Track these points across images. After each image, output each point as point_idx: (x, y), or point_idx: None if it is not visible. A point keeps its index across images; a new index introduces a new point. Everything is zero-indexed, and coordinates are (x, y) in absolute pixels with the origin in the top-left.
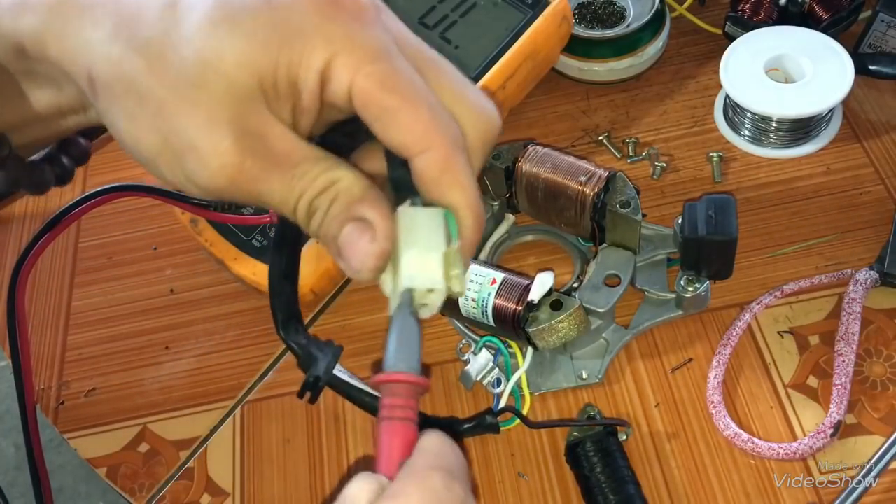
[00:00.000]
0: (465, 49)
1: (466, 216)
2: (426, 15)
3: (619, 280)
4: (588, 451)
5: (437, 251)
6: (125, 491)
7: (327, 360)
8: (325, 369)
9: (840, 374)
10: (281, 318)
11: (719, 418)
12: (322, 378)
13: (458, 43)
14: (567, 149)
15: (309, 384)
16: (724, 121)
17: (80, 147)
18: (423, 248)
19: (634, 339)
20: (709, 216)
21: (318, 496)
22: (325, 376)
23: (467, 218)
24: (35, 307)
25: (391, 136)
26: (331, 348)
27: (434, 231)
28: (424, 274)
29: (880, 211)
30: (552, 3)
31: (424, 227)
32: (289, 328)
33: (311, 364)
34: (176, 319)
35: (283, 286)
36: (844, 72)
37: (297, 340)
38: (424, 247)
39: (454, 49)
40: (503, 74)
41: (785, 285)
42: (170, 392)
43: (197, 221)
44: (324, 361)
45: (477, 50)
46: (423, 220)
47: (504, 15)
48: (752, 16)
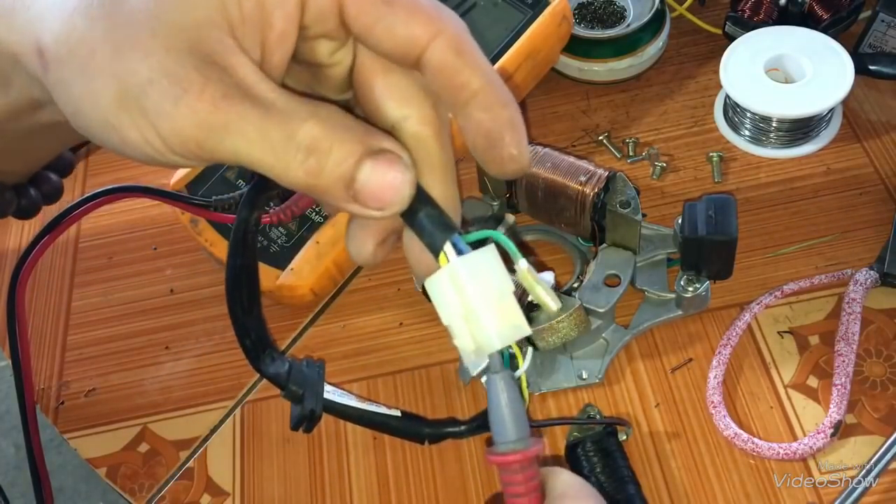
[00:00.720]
0: None
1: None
2: None
3: (619, 280)
4: (588, 451)
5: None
6: (125, 491)
7: (315, 387)
8: (317, 398)
9: (840, 374)
10: (252, 354)
11: (719, 418)
12: (318, 411)
13: None
14: (567, 149)
15: (305, 418)
16: (724, 121)
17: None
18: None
19: (634, 339)
20: (709, 216)
21: (318, 496)
22: (320, 407)
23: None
24: (35, 307)
25: (397, 34)
26: (313, 370)
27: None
28: (509, 326)
29: (880, 211)
30: (552, 3)
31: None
32: (264, 361)
33: (298, 397)
34: (176, 319)
35: (248, 322)
36: (844, 72)
37: (277, 370)
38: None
39: None
40: (503, 74)
41: (785, 285)
42: (170, 392)
43: (197, 221)
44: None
45: None
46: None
47: (504, 15)
48: (752, 16)
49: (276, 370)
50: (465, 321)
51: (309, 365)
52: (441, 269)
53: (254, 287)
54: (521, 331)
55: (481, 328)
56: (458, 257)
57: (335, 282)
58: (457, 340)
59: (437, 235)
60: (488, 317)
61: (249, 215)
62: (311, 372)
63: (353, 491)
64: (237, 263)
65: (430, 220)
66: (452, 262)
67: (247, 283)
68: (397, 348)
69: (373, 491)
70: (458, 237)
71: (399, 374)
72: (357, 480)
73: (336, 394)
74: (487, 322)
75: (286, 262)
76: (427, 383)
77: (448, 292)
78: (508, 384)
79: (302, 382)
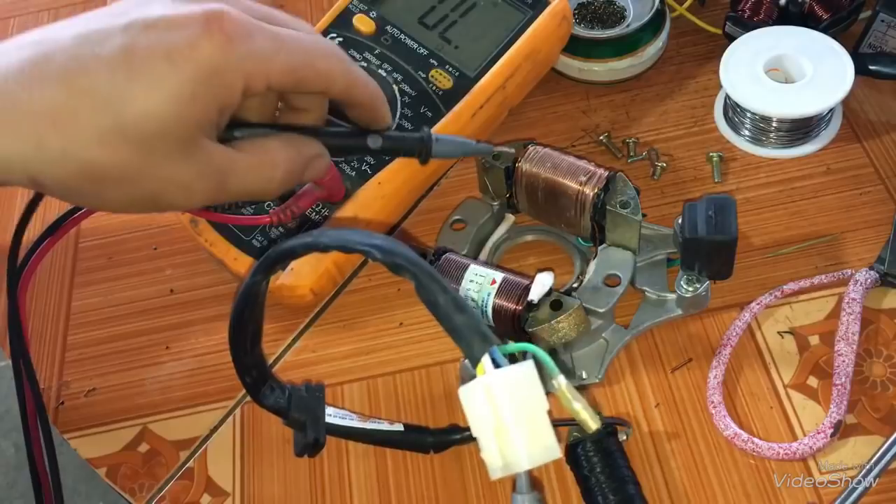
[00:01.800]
0: (465, 49)
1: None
2: (426, 15)
3: (619, 280)
4: (588, 451)
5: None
6: (125, 491)
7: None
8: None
9: (840, 374)
10: (253, 389)
11: (719, 418)
12: (322, 440)
13: (457, 43)
14: (567, 149)
15: (309, 446)
16: (724, 121)
17: None
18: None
19: (634, 339)
20: (709, 216)
21: (318, 496)
22: (322, 434)
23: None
24: (35, 307)
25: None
26: (313, 395)
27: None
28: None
29: (880, 211)
30: (552, 3)
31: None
32: (264, 393)
33: (301, 424)
34: (176, 319)
35: (249, 361)
36: (844, 72)
37: (278, 400)
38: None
39: (454, 49)
40: (503, 74)
41: (785, 285)
42: (170, 392)
43: (197, 221)
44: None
45: (477, 50)
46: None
47: (504, 15)
48: (752, 16)
49: (276, 400)
50: (495, 436)
51: (308, 389)
52: (476, 381)
53: (256, 332)
54: (552, 452)
55: (511, 446)
56: (496, 371)
57: (335, 282)
58: (484, 454)
59: (475, 345)
60: (520, 435)
61: (263, 279)
62: (311, 397)
63: (353, 491)
64: (245, 315)
65: (468, 328)
66: (488, 375)
67: (252, 330)
68: (397, 348)
69: (373, 491)
70: (496, 349)
71: (399, 374)
72: (357, 481)
73: (338, 416)
74: (518, 441)
75: (286, 262)
76: (427, 383)
77: (481, 405)
78: None
79: (303, 409)
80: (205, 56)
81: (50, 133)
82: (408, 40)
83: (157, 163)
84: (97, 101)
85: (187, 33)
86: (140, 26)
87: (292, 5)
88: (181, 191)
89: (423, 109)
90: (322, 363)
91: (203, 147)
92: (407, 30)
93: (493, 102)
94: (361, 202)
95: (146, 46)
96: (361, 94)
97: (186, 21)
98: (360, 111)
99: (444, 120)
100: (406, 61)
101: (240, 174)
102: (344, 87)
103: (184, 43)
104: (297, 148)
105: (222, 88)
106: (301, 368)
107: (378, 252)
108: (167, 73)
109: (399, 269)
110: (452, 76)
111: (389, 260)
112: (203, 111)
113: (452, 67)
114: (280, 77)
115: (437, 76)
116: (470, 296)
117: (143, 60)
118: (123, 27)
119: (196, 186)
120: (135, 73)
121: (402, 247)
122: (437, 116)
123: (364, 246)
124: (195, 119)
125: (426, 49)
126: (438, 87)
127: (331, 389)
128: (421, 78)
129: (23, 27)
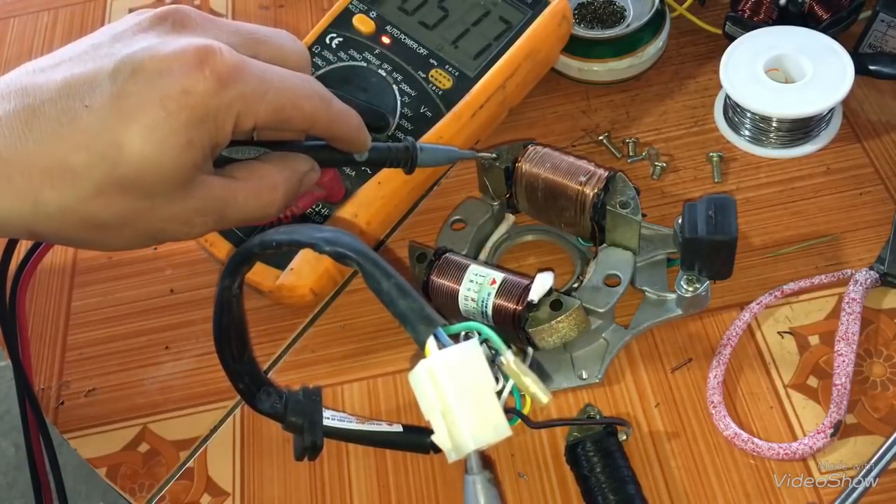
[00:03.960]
0: (465, 48)
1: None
2: (426, 14)
3: (619, 280)
4: (588, 451)
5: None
6: (125, 491)
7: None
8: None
9: (840, 374)
10: (248, 395)
11: (719, 418)
12: (319, 443)
13: (457, 42)
14: (567, 149)
15: (307, 450)
16: (724, 121)
17: None
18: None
19: (634, 339)
20: (709, 216)
21: (318, 496)
22: (320, 437)
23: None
24: (35, 307)
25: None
26: (310, 398)
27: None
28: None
29: (880, 211)
30: (552, 3)
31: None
32: (260, 399)
33: (298, 428)
34: (176, 319)
35: (240, 368)
36: (844, 72)
37: (274, 406)
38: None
39: (454, 49)
40: (503, 74)
41: (785, 285)
42: (170, 392)
43: None
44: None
45: (476, 49)
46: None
47: (504, 14)
48: (752, 16)
49: (272, 405)
50: (443, 418)
51: (305, 394)
52: (420, 364)
53: (242, 338)
54: (500, 432)
55: (457, 428)
56: (438, 352)
57: (335, 282)
58: (435, 436)
59: (420, 329)
60: (465, 416)
61: (232, 283)
62: (307, 401)
63: (353, 491)
64: (224, 323)
65: (413, 312)
66: (431, 357)
67: (235, 336)
68: (397, 348)
69: (373, 491)
70: (441, 330)
71: (399, 374)
72: (357, 481)
73: (336, 418)
74: (463, 422)
75: (286, 262)
76: None
77: (427, 388)
78: (485, 487)
79: (300, 413)
80: (198, 101)
81: (47, 190)
82: (407, 40)
83: (157, 206)
84: (92, 154)
85: (179, 77)
86: (129, 72)
87: (292, 6)
88: (182, 226)
89: (423, 109)
90: (322, 363)
91: (201, 183)
92: (406, 30)
93: (493, 102)
94: (361, 202)
95: (137, 94)
96: (341, 131)
97: (176, 63)
98: (342, 143)
99: (444, 120)
100: (406, 61)
101: (240, 202)
102: (326, 125)
103: (177, 88)
104: (291, 167)
105: (215, 130)
106: (300, 368)
107: (325, 244)
108: (161, 121)
109: (344, 259)
110: (452, 76)
111: (333, 250)
112: (199, 153)
113: (452, 67)
114: (267, 117)
115: (437, 76)
116: (470, 296)
117: (136, 109)
118: (111, 73)
119: (196, 220)
120: (128, 123)
121: (346, 237)
122: (437, 116)
123: (312, 239)
124: (192, 162)
125: (426, 49)
126: (438, 87)
127: (330, 390)
128: (421, 78)
129: (23, 27)
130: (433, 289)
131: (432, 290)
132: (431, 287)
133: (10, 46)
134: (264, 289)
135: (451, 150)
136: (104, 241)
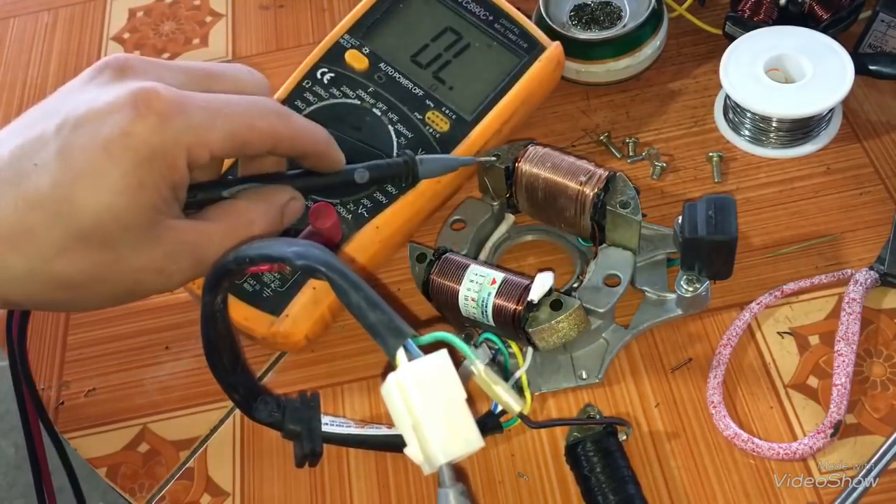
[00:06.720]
0: (461, 91)
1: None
2: (419, 53)
3: (619, 280)
4: (588, 451)
5: (460, 404)
6: (125, 491)
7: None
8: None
9: (840, 374)
10: (245, 405)
11: (719, 418)
12: (318, 449)
13: (452, 84)
14: (567, 149)
15: (307, 457)
16: (724, 121)
17: None
18: (446, 408)
19: (634, 339)
20: (709, 216)
21: (318, 496)
22: (319, 444)
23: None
24: None
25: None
26: (307, 405)
27: (446, 379)
28: (457, 440)
29: (880, 211)
30: (548, 49)
31: (435, 381)
32: (257, 408)
33: (297, 436)
34: (176, 319)
35: (234, 379)
36: (844, 72)
37: (271, 414)
38: (446, 406)
39: (449, 90)
40: (500, 119)
41: (785, 285)
42: (170, 392)
43: None
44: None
45: (472, 92)
46: (428, 371)
47: (499, 58)
48: (752, 16)
49: (269, 414)
50: (413, 431)
51: (303, 401)
52: (389, 377)
53: (233, 350)
54: (472, 444)
55: (427, 441)
56: (406, 365)
57: (328, 326)
58: (407, 450)
59: (389, 341)
60: (434, 429)
61: (213, 299)
62: (305, 408)
63: (353, 491)
64: (212, 337)
65: (382, 324)
66: (399, 370)
67: (225, 349)
68: None
69: (373, 491)
70: (411, 342)
71: None
72: (357, 480)
73: (335, 424)
74: (433, 435)
75: (280, 307)
76: None
77: (397, 401)
78: (458, 500)
79: (298, 420)
80: (140, 141)
81: (9, 255)
82: (402, 79)
83: (124, 257)
84: (48, 212)
85: (118, 120)
86: (71, 125)
87: (292, 6)
88: (157, 276)
89: (420, 152)
90: (322, 363)
91: (168, 227)
92: (400, 68)
93: (490, 146)
94: (358, 246)
95: (81, 145)
96: (307, 145)
97: (115, 108)
98: (313, 160)
99: None
100: (401, 101)
101: (216, 243)
102: (290, 142)
103: (117, 132)
104: (268, 199)
105: (166, 168)
106: (300, 368)
107: (296, 258)
108: (108, 168)
109: (315, 273)
110: (449, 119)
111: (304, 264)
112: (155, 194)
113: (449, 110)
114: (221, 144)
115: (434, 118)
116: (470, 296)
117: (81, 161)
118: (56, 130)
119: (171, 268)
120: (75, 176)
121: (316, 250)
122: None
123: (284, 253)
124: (150, 204)
125: (421, 89)
126: (436, 129)
127: (331, 390)
128: (417, 119)
129: (23, 27)
130: (433, 289)
131: (432, 290)
132: (431, 287)
133: (10, 46)
134: (257, 335)
135: (450, 158)
136: (79, 300)
